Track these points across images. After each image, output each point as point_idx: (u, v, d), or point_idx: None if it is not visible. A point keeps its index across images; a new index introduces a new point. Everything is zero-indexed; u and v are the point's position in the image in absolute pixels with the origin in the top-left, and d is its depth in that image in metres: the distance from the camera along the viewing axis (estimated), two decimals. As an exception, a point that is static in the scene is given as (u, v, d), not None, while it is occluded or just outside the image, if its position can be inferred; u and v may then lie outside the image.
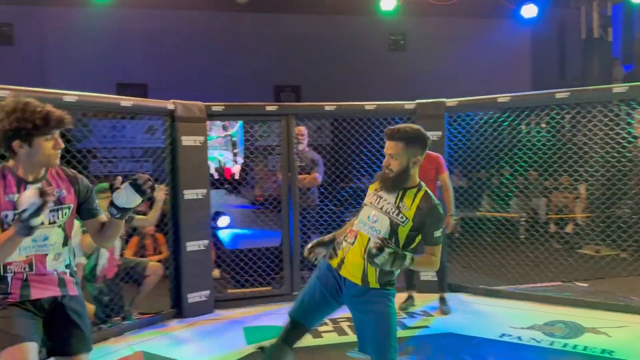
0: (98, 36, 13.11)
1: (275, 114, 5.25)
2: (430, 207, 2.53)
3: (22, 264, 2.22)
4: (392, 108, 5.61)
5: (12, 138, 2.08)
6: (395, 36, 16.31)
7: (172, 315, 4.86)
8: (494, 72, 14.73)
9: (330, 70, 14.72)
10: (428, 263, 2.62)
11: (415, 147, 2.54)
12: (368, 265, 2.51)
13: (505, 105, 5.22)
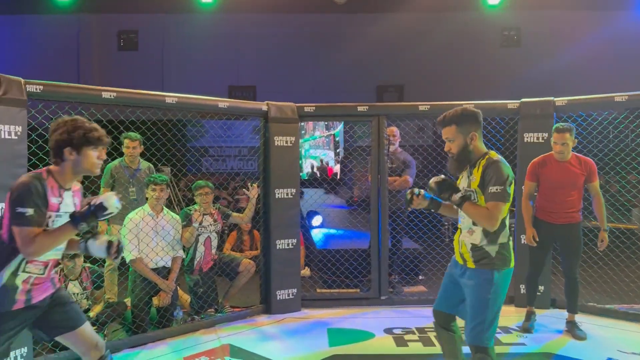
0: (212, 41, 13.94)
1: (367, 115, 5.18)
2: (489, 164, 2.66)
3: (41, 266, 2.44)
4: (493, 107, 5.29)
5: (65, 145, 2.37)
6: (508, 31, 15.45)
7: (261, 310, 4.99)
8: (623, 68, 13.41)
9: (436, 69, 14.31)
10: (481, 214, 2.63)
11: (467, 124, 2.70)
12: (462, 246, 2.78)
13: (623, 105, 4.68)
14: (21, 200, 2.25)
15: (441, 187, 2.71)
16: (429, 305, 5.18)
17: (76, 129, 2.37)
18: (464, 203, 2.65)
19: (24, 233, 2.25)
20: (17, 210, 2.24)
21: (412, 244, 6.31)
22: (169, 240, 4.51)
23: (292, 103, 5.06)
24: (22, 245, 2.26)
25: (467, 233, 2.76)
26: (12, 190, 2.31)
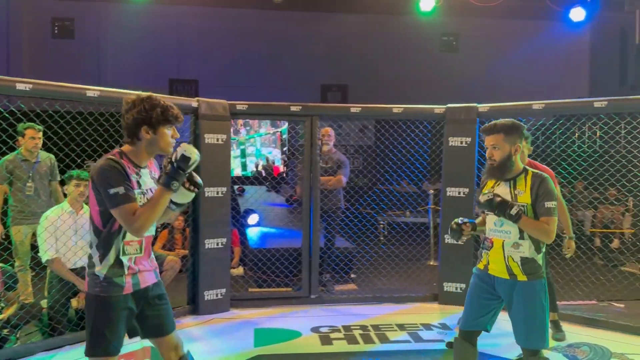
0: (153, 32, 13.56)
1: (300, 115, 5.21)
2: (541, 180, 2.74)
3: (137, 245, 2.38)
4: (421, 111, 5.45)
5: (142, 124, 2.28)
6: (447, 37, 15.91)
7: (188, 311, 4.92)
8: (550, 76, 14.12)
9: (379, 70, 14.54)
10: (539, 228, 2.70)
11: (514, 135, 2.78)
12: (510, 260, 2.78)
13: (540, 113, 4.94)
14: (109, 182, 2.22)
15: (500, 205, 2.69)
16: (358, 303, 5.34)
17: (154, 107, 2.29)
18: (522, 218, 2.68)
19: (124, 212, 2.22)
20: (110, 192, 2.21)
21: (345, 242, 6.41)
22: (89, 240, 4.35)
23: (224, 100, 5.01)
24: (127, 223, 2.24)
25: (512, 248, 2.77)
26: (94, 176, 2.28)
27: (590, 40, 15.06)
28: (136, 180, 2.33)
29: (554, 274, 5.28)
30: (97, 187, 2.26)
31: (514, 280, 2.76)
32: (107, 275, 2.31)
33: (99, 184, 2.24)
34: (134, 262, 2.37)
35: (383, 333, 4.47)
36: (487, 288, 2.87)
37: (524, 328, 2.75)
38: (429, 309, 5.21)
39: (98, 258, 2.32)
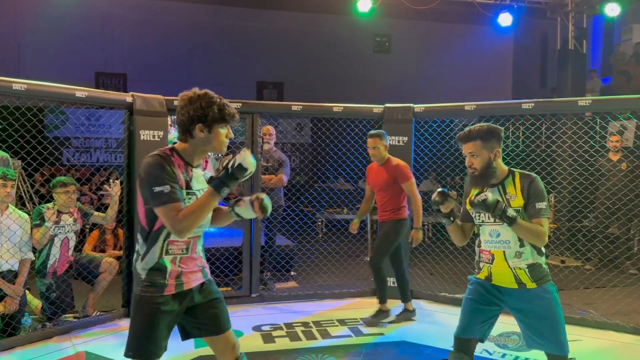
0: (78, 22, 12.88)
1: (240, 112, 5.13)
2: (530, 180, 2.64)
3: (182, 245, 2.28)
4: (360, 111, 5.56)
5: (197, 122, 2.19)
6: (380, 38, 16.27)
7: (123, 314, 4.74)
8: (478, 78, 14.80)
9: (315, 68, 14.65)
10: (534, 230, 2.59)
11: (491, 140, 2.67)
12: (516, 269, 2.66)
13: (472, 114, 5.17)
14: (155, 180, 2.13)
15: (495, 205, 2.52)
16: (299, 301, 5.36)
17: (211, 104, 2.19)
18: (517, 220, 2.54)
19: (169, 211, 2.13)
20: (155, 190, 2.12)
21: (285, 240, 6.42)
22: (15, 242, 4.10)
23: (160, 96, 4.87)
24: (170, 223, 2.14)
25: (515, 258, 2.66)
26: (142, 173, 2.19)
27: (515, 45, 15.93)
28: (185, 179, 2.23)
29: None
30: (142, 183, 2.18)
31: (523, 288, 2.66)
32: (149, 275, 2.25)
33: (145, 180, 2.16)
34: (179, 263, 2.28)
35: (324, 329, 4.53)
36: (488, 296, 2.76)
37: (554, 335, 2.62)
38: (368, 303, 5.32)
39: (141, 257, 2.27)
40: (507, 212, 2.53)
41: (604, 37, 14.48)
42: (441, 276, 6.15)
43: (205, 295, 2.37)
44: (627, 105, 4.88)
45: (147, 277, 2.24)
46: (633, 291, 5.08)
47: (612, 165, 6.47)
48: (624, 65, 12.83)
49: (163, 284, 2.24)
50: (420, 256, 6.84)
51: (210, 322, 2.38)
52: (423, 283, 5.79)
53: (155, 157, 2.18)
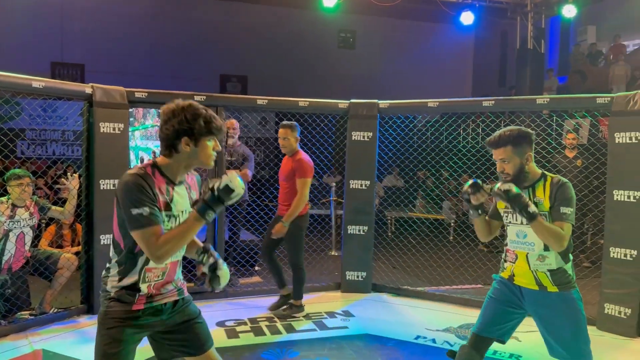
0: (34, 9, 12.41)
1: (204, 105, 5.06)
2: (560, 185, 2.58)
3: (159, 272, 2.16)
4: (326, 106, 5.57)
5: (183, 135, 2.06)
6: (345, 34, 16.33)
7: (82, 311, 4.63)
8: (440, 75, 15.06)
9: (280, 63, 14.57)
10: (554, 232, 2.50)
11: (523, 145, 2.60)
12: (537, 272, 2.62)
13: (435, 110, 5.26)
14: (133, 201, 1.98)
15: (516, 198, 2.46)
16: (263, 296, 5.34)
17: (196, 117, 2.05)
18: (537, 218, 2.48)
19: (147, 235, 1.98)
20: (133, 212, 1.97)
21: (249, 235, 6.38)
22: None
23: (121, 87, 4.75)
24: (148, 249, 1.99)
25: (537, 261, 2.62)
26: (117, 192, 2.04)
27: (475, 43, 16.27)
28: (165, 200, 2.09)
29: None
30: (119, 204, 2.04)
31: (544, 291, 2.61)
32: (118, 293, 2.11)
33: (122, 201, 2.01)
34: (153, 288, 2.16)
35: (289, 323, 4.54)
36: (511, 297, 2.70)
37: (575, 343, 2.56)
38: (332, 297, 5.37)
39: (115, 276, 2.11)
40: (528, 207, 2.46)
41: (561, 38, 14.95)
42: (404, 269, 6.26)
43: (181, 315, 2.24)
44: (582, 104, 5.06)
45: (116, 294, 2.11)
46: (587, 283, 5.27)
47: (568, 162, 6.71)
48: (580, 65, 13.30)
49: (132, 301, 2.11)
50: (384, 250, 6.95)
51: (190, 342, 2.25)
52: (386, 277, 5.87)
53: (134, 176, 2.03)
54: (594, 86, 11.21)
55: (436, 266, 6.10)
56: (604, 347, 4.11)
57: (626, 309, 4.27)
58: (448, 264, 6.12)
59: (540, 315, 2.65)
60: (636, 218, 4.23)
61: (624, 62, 11.92)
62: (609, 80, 11.73)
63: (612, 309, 4.35)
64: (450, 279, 5.93)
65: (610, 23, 13.88)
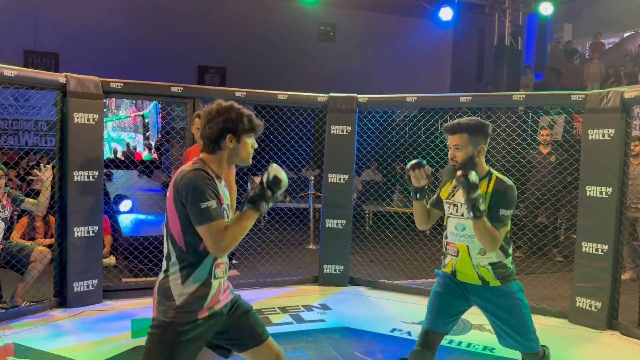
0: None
1: (181, 96, 5.02)
2: (505, 187, 2.58)
3: (224, 267, 2.20)
4: (305, 99, 5.55)
5: (227, 132, 2.14)
6: (325, 27, 16.29)
7: (55, 304, 4.55)
8: (419, 70, 15.14)
9: (259, 55, 14.46)
10: (492, 234, 2.50)
11: (479, 136, 2.61)
12: (478, 266, 2.63)
13: (413, 105, 5.29)
14: (199, 195, 2.01)
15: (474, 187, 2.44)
16: (241, 289, 5.30)
17: (241, 115, 2.16)
18: (483, 217, 2.47)
19: (214, 229, 2.01)
20: (201, 206, 2.00)
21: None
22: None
23: (96, 77, 4.66)
24: (214, 242, 2.01)
25: (479, 255, 2.62)
26: (180, 188, 2.04)
27: (454, 39, 16.39)
28: (221, 194, 2.14)
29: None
30: (182, 199, 2.03)
31: (487, 285, 2.64)
32: (187, 299, 2.07)
33: (188, 197, 2.02)
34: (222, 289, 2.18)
35: (266, 317, 4.53)
36: (457, 289, 2.72)
37: (522, 333, 2.63)
38: (309, 290, 5.37)
39: (178, 279, 2.07)
40: (479, 203, 2.46)
41: (538, 35, 15.17)
42: (380, 263, 6.30)
43: (235, 310, 2.28)
44: (558, 101, 5.14)
45: (184, 301, 2.06)
46: (559, 277, 5.39)
47: (542, 158, 6.82)
48: (556, 62, 13.51)
49: (201, 306, 2.09)
50: (362, 244, 6.98)
51: (248, 334, 2.29)
52: (363, 270, 5.90)
53: (197, 172, 2.07)
54: (570, 83, 11.40)
55: (412, 259, 6.16)
56: (576, 339, 4.21)
57: (597, 302, 4.37)
58: (424, 258, 6.18)
59: (486, 309, 2.70)
60: (608, 213, 4.32)
61: (598, 60, 12.16)
62: (584, 78, 11.95)
63: (583, 302, 4.44)
64: (426, 272, 5.98)
65: (586, 21, 14.14)
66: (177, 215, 2.06)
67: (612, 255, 4.31)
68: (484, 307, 2.70)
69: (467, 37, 15.86)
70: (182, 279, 2.07)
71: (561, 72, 12.69)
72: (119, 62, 13.11)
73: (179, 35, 14.07)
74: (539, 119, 8.23)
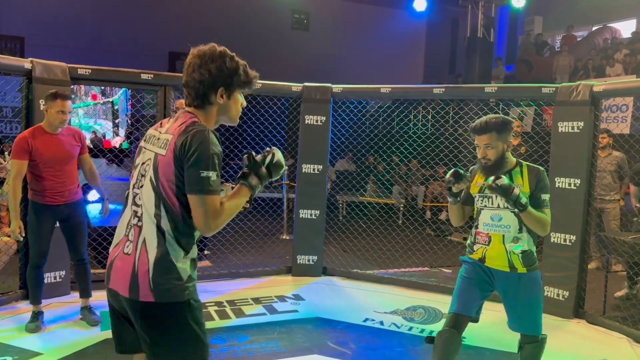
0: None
1: (151, 84, 4.90)
2: (537, 173, 2.75)
3: None
4: (279, 88, 5.49)
5: (220, 85, 1.84)
6: (299, 15, 16.14)
7: (21, 296, 4.42)
8: (392, 61, 15.17)
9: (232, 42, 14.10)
10: (542, 219, 2.68)
11: (506, 133, 2.75)
12: (511, 255, 2.76)
13: (387, 96, 5.29)
14: (204, 161, 1.72)
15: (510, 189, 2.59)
16: (213, 280, 5.28)
17: (236, 65, 1.86)
18: (528, 207, 2.63)
19: (210, 202, 1.74)
20: (201, 174, 1.72)
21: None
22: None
23: (63, 63, 4.51)
24: (205, 218, 1.75)
25: (512, 242, 2.76)
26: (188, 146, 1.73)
27: (427, 30, 16.46)
28: None
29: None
30: (182, 159, 1.74)
31: (514, 272, 2.77)
32: (190, 271, 1.84)
33: (192, 158, 1.73)
34: None
35: (239, 308, 4.50)
36: (484, 276, 2.83)
37: (532, 318, 2.79)
38: (283, 281, 5.36)
39: (181, 251, 1.81)
40: (520, 198, 2.60)
41: (509, 27, 15.36)
42: (354, 253, 6.33)
43: None
44: (529, 94, 5.22)
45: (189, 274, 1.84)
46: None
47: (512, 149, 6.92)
48: (527, 54, 13.71)
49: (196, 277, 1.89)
50: (335, 234, 7.00)
51: None
52: (337, 260, 5.92)
53: (208, 132, 1.77)
54: (540, 76, 11.60)
55: (385, 249, 6.20)
56: (544, 328, 4.29)
57: (564, 291, 4.48)
58: (397, 248, 6.23)
59: (506, 292, 2.83)
60: (576, 204, 4.42)
61: (568, 53, 12.40)
62: (554, 70, 12.18)
63: (551, 291, 4.55)
64: (398, 262, 6.04)
65: (556, 14, 14.38)
66: (174, 176, 1.77)
67: (580, 246, 4.42)
68: (506, 291, 2.83)
69: (441, 29, 15.95)
70: (183, 251, 1.82)
71: (531, 64, 12.89)
72: (88, 47, 12.75)
73: (151, 21, 13.77)
74: (509, 110, 8.35)
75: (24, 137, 3.69)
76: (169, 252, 1.79)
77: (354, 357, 3.66)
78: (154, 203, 1.80)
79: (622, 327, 4.17)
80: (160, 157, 1.80)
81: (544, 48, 13.99)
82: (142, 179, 1.86)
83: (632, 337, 4.06)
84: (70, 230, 3.94)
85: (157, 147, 1.84)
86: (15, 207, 3.66)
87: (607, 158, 5.78)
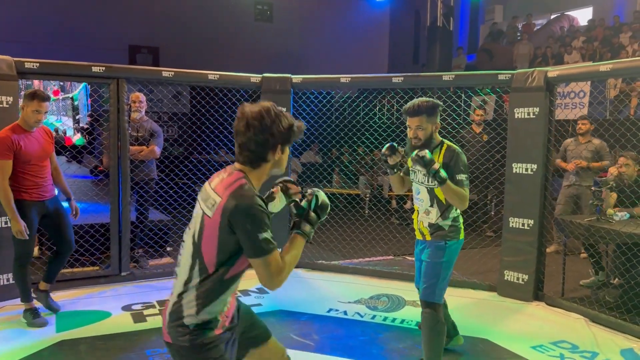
0: None
1: (103, 77, 4.74)
2: (453, 153, 2.96)
3: None
4: (237, 80, 5.40)
5: (278, 144, 1.88)
6: (262, 6, 15.95)
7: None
8: (357, 51, 15.15)
9: (194, 34, 13.96)
10: (459, 193, 2.89)
11: (434, 115, 2.98)
12: (421, 225, 3.11)
13: (347, 86, 5.27)
14: (259, 225, 1.77)
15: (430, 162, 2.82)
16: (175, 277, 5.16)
17: (290, 121, 1.90)
18: (447, 181, 2.84)
19: (274, 262, 1.81)
20: (259, 237, 1.77)
21: (160, 215, 6.13)
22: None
23: (8, 57, 4.31)
24: (270, 276, 1.82)
25: (424, 214, 3.09)
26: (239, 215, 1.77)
27: (391, 20, 16.50)
28: None
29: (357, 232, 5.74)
30: (236, 223, 1.78)
31: (424, 240, 3.12)
32: (198, 325, 1.87)
33: (247, 226, 1.77)
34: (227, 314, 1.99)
35: (201, 304, 4.42)
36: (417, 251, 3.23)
37: (428, 282, 3.01)
38: (246, 275, 5.28)
39: (195, 305, 1.86)
40: (440, 171, 2.82)
41: (470, 17, 15.54)
42: (319, 244, 6.31)
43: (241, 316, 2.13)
44: (485, 81, 5.27)
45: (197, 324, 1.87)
46: (488, 252, 5.59)
47: (472, 137, 7.00)
48: (487, 43, 13.90)
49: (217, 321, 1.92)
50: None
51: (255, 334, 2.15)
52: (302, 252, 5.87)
53: (256, 197, 1.80)
54: (501, 64, 11.77)
55: (350, 240, 6.20)
56: (504, 311, 4.38)
57: (524, 275, 4.56)
58: (361, 237, 6.24)
59: (419, 258, 3.19)
60: (533, 189, 4.49)
61: (527, 41, 12.62)
62: (514, 59, 12.38)
63: (511, 275, 4.63)
64: (363, 252, 6.05)
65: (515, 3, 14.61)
66: (217, 239, 1.82)
67: (538, 230, 4.50)
68: (418, 257, 3.18)
69: (404, 18, 16.02)
70: (198, 307, 1.86)
71: (492, 53, 13.08)
72: (36, 40, 12.28)
73: (109, 14, 13.37)
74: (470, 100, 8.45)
75: (7, 135, 3.71)
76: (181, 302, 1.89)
77: (317, 347, 3.64)
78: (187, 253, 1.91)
79: (579, 308, 4.28)
80: (207, 219, 1.85)
81: (503, 37, 14.21)
82: (188, 232, 1.96)
83: (588, 317, 4.16)
84: (58, 222, 4.03)
85: (205, 206, 1.88)
86: (11, 208, 3.70)
87: (586, 144, 5.80)
